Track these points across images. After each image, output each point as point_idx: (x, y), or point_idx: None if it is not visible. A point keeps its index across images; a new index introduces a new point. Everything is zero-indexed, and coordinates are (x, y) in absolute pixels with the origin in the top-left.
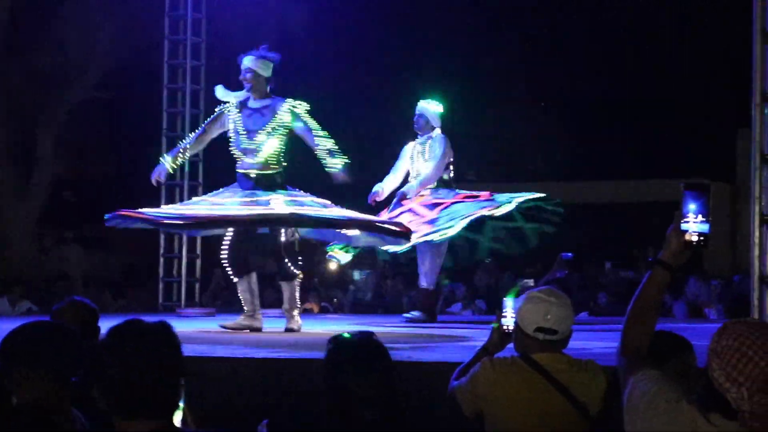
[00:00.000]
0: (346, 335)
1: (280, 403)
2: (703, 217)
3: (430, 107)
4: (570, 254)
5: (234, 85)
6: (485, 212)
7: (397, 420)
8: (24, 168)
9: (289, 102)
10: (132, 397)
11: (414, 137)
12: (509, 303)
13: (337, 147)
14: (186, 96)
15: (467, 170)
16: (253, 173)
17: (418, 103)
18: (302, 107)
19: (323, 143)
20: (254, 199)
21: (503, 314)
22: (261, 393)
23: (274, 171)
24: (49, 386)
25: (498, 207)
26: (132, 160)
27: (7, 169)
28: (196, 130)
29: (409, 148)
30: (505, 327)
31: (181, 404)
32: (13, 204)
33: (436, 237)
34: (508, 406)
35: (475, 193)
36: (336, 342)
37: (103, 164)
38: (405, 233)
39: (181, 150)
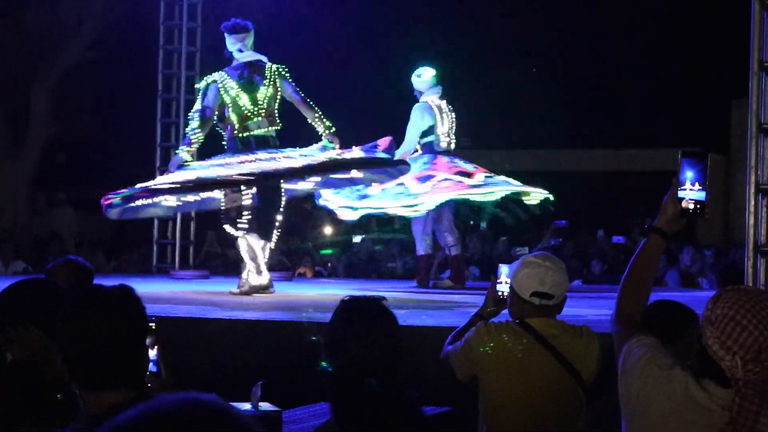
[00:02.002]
0: (356, 298)
1: (274, 365)
2: (700, 185)
3: (413, 78)
4: (563, 222)
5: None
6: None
7: (396, 387)
8: (17, 130)
9: (272, 63)
10: (96, 368)
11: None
12: (504, 269)
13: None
14: (182, 57)
15: (462, 137)
16: (253, 134)
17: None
18: (285, 68)
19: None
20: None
21: (498, 280)
22: (254, 355)
23: (272, 131)
24: (42, 344)
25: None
26: (126, 122)
27: (0, 131)
28: (197, 112)
29: None
30: (500, 293)
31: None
32: (6, 165)
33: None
34: (502, 370)
35: (470, 169)
36: (345, 304)
37: (96, 126)
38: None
39: (193, 139)
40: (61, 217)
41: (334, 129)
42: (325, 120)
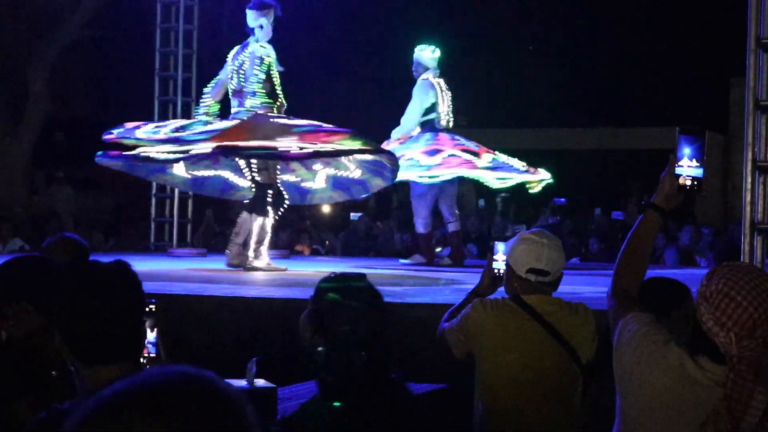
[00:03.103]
0: (336, 275)
1: (270, 342)
2: (697, 161)
3: (422, 53)
4: (563, 200)
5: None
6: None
7: (380, 362)
8: (15, 109)
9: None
10: (92, 343)
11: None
12: (500, 247)
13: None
14: (179, 35)
15: (459, 116)
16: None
17: (414, 50)
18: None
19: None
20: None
21: (494, 257)
22: (250, 331)
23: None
24: (37, 322)
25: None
26: (124, 101)
27: None
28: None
29: None
30: (496, 270)
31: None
32: (4, 144)
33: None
34: (498, 347)
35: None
36: (325, 281)
37: (94, 104)
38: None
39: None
40: (60, 196)
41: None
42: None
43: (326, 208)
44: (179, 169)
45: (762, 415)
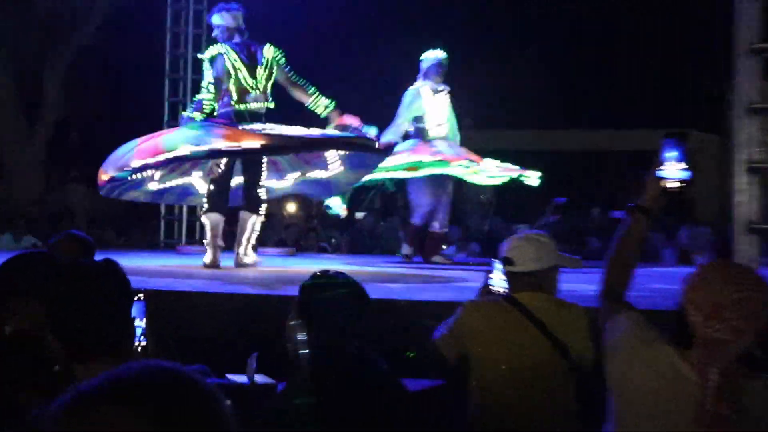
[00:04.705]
0: (318, 272)
1: (273, 338)
2: (682, 164)
3: (423, 59)
4: (563, 199)
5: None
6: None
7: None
8: (31, 110)
9: (270, 45)
10: (80, 339)
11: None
12: (498, 266)
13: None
14: (188, 38)
15: (464, 117)
16: (250, 108)
17: None
18: (281, 51)
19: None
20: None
21: (490, 276)
22: (253, 327)
23: (265, 107)
24: (42, 317)
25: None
26: (135, 102)
27: (14, 111)
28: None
29: None
30: (494, 288)
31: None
32: (20, 144)
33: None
34: (489, 345)
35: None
36: (312, 278)
37: (107, 106)
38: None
39: (205, 105)
40: (74, 194)
41: (334, 103)
42: (322, 98)
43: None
44: (152, 184)
45: (717, 392)
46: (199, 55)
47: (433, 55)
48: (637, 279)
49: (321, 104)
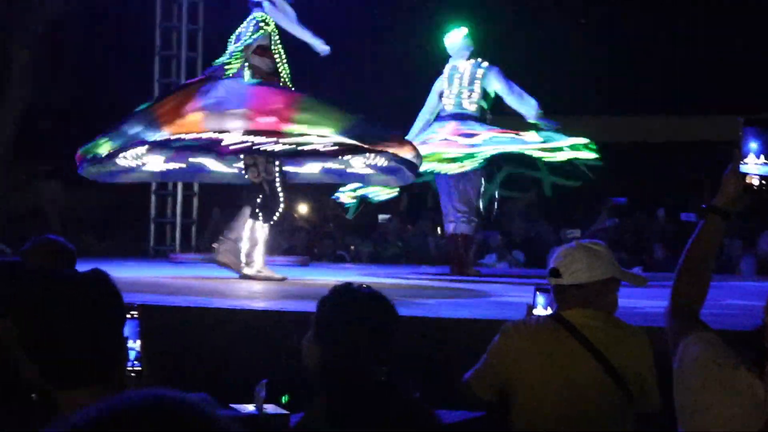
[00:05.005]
0: (338, 285)
1: (283, 363)
2: (766, 158)
3: (446, 41)
4: (622, 199)
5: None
6: (529, 148)
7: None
8: None
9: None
10: (63, 364)
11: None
12: (540, 300)
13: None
14: (182, 9)
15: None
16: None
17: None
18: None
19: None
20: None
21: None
22: (261, 348)
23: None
24: (14, 337)
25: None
26: (120, 83)
27: None
28: None
29: None
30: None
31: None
32: None
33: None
34: (533, 371)
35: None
36: (333, 291)
37: (85, 87)
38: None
39: None
40: (45, 192)
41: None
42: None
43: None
44: (154, 166)
45: None
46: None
47: (451, 36)
48: (710, 294)
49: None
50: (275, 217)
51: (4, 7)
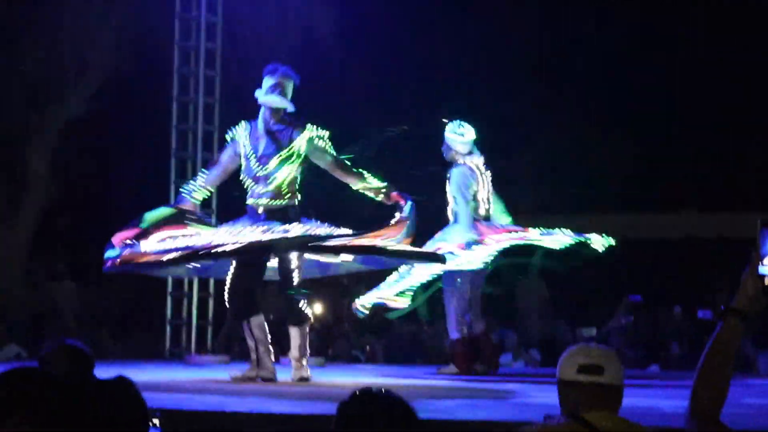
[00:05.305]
0: (357, 392)
1: None
2: None
3: (453, 137)
4: (638, 296)
5: (250, 100)
6: (520, 239)
7: None
8: (12, 192)
9: (309, 130)
10: None
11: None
12: None
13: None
14: (198, 110)
15: (523, 200)
16: (263, 203)
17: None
18: (322, 136)
19: (365, 179)
20: (269, 227)
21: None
22: None
23: (287, 202)
24: None
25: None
26: (136, 183)
27: None
28: (209, 167)
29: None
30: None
31: None
32: (1, 235)
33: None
34: None
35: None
36: (347, 401)
37: (102, 186)
38: (435, 255)
39: (198, 188)
40: (61, 292)
41: (386, 187)
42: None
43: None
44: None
45: None
46: None
47: (461, 135)
48: (728, 393)
49: (373, 189)
50: (309, 317)
51: (21, 109)
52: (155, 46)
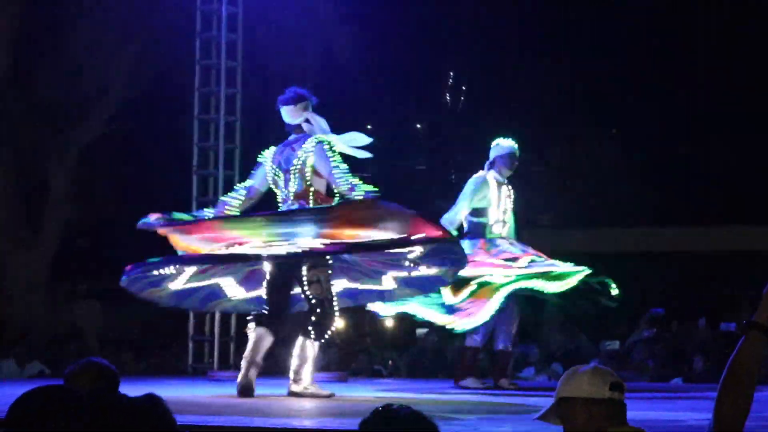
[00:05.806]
0: (378, 410)
1: None
2: None
3: (494, 146)
4: (660, 309)
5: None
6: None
7: None
8: (33, 213)
9: (314, 138)
10: None
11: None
12: None
13: (361, 180)
14: (219, 128)
15: (541, 214)
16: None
17: None
18: (326, 144)
19: (343, 181)
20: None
21: None
22: None
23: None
24: None
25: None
26: (157, 202)
27: (14, 215)
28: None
29: None
30: None
31: None
32: (21, 254)
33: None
34: None
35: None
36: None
37: (122, 207)
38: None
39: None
40: (83, 312)
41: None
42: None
43: (389, 323)
44: (176, 283)
45: None
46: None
47: (506, 144)
48: (752, 406)
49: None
50: (327, 335)
51: (40, 131)
52: (176, 65)
